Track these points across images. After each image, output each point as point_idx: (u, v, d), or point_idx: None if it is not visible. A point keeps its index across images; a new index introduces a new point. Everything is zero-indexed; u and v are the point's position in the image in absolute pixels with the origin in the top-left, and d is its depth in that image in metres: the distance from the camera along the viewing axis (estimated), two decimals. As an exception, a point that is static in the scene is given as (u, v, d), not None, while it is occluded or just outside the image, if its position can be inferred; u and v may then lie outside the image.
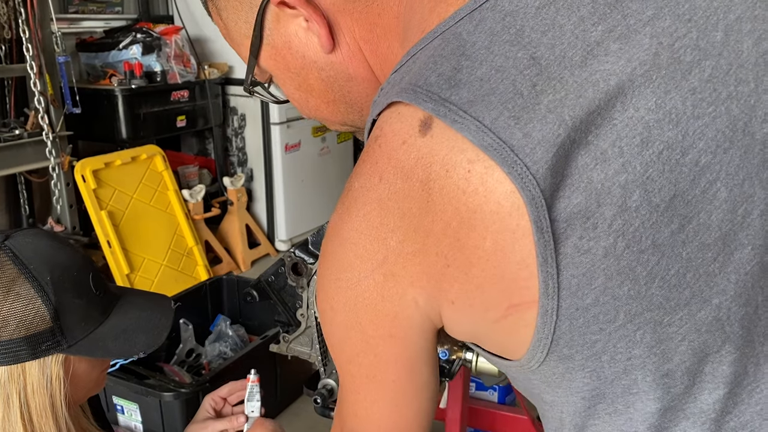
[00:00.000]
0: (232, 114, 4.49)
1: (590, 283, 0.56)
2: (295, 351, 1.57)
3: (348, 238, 0.62)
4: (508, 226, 0.55)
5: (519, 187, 0.54)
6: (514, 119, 0.55)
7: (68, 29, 3.97)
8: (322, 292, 0.68)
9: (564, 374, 0.63)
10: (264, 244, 4.50)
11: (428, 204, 0.57)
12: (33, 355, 0.92)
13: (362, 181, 0.62)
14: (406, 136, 0.59)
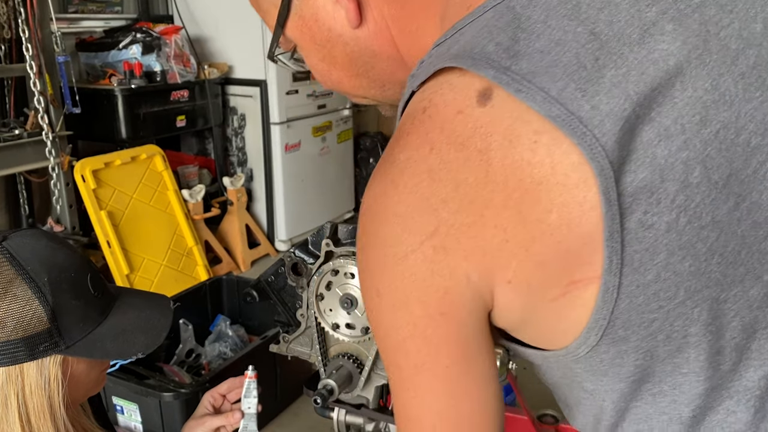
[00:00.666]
0: (232, 114, 4.49)
1: (652, 259, 0.56)
2: (295, 351, 1.57)
3: (394, 212, 0.60)
4: (575, 199, 0.55)
5: (588, 159, 0.54)
6: (581, 91, 0.55)
7: (68, 29, 3.96)
8: (366, 275, 0.65)
9: (614, 359, 0.62)
10: (264, 244, 4.50)
11: (487, 175, 0.56)
12: (31, 356, 0.92)
13: (409, 153, 0.60)
14: (461, 106, 0.58)
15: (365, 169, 5.44)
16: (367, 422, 1.59)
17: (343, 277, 1.43)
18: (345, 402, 1.55)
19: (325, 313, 1.47)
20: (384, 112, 0.78)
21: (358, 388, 1.49)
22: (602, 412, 0.67)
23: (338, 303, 1.44)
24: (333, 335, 1.47)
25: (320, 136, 4.73)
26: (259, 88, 4.30)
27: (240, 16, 4.25)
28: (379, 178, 0.63)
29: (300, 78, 4.44)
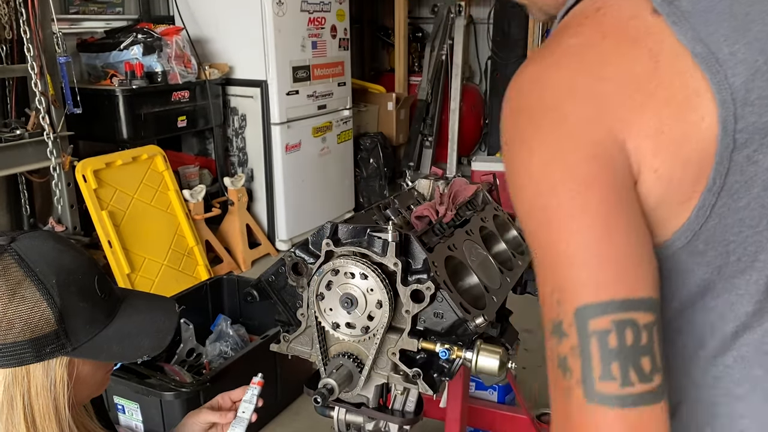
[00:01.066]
0: (233, 114, 4.50)
1: (748, 190, 0.65)
2: (295, 350, 1.58)
3: (558, 82, 0.67)
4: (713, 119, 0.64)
5: (715, 91, 0.63)
6: (725, 38, 0.65)
7: (69, 30, 3.98)
8: (517, 140, 0.69)
9: (684, 270, 0.70)
10: (264, 244, 4.51)
11: (655, 72, 0.64)
12: (37, 357, 0.92)
13: (582, 39, 0.67)
14: (636, 12, 0.66)
15: (365, 169, 5.44)
16: (367, 421, 1.60)
17: (343, 277, 1.44)
18: (345, 401, 1.56)
19: (326, 312, 1.48)
20: (533, 15, 0.87)
21: (358, 387, 1.50)
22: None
23: (338, 302, 1.45)
24: (333, 334, 1.48)
25: (320, 137, 4.74)
26: (259, 88, 4.31)
27: (241, 16, 4.27)
28: (539, 59, 0.70)
29: (300, 78, 4.45)
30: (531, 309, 3.85)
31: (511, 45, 6.03)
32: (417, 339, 1.43)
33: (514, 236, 2.03)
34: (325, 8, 4.59)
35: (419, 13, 6.86)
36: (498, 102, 6.22)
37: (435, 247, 1.56)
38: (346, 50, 4.89)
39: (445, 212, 1.74)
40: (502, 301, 1.81)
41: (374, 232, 1.45)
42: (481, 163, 5.45)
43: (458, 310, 1.40)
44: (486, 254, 1.77)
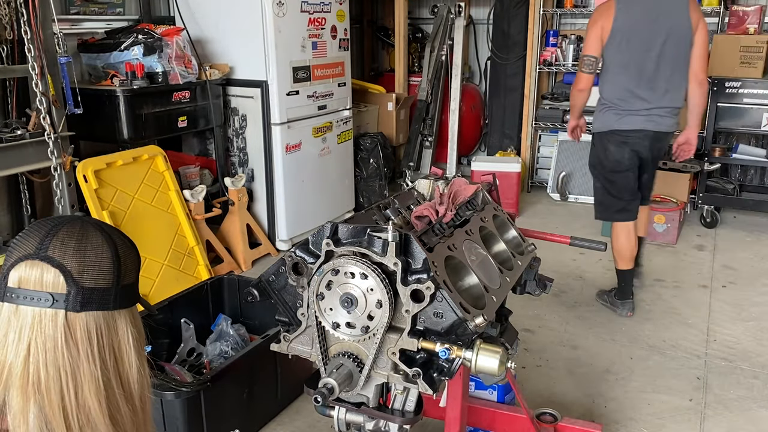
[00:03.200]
0: (233, 114, 4.51)
1: (616, 38, 3.46)
2: (295, 350, 1.58)
3: (594, 13, 3.56)
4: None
5: (614, 18, 3.49)
6: (624, 8, 3.49)
7: (70, 30, 3.98)
8: (589, 20, 3.59)
9: (608, 55, 3.59)
10: (265, 243, 4.51)
11: (608, 13, 3.45)
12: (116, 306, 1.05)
13: (599, 6, 3.57)
14: (611, 3, 3.49)
15: (365, 169, 5.45)
16: (367, 420, 1.60)
17: (344, 277, 1.44)
18: (345, 400, 1.57)
19: (326, 312, 1.48)
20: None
21: (359, 386, 1.50)
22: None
23: (338, 302, 1.46)
24: (333, 334, 1.49)
25: (320, 137, 4.74)
26: (260, 88, 4.31)
27: (241, 17, 4.27)
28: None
29: (300, 79, 4.45)
30: (531, 309, 3.87)
31: (511, 45, 6.04)
32: (417, 339, 1.43)
33: (513, 236, 2.03)
34: (325, 9, 4.59)
35: (419, 14, 6.87)
36: (498, 102, 6.23)
37: (435, 247, 1.56)
38: (346, 50, 4.89)
39: (445, 212, 1.75)
40: (502, 301, 1.81)
41: (374, 232, 1.45)
42: (481, 163, 5.46)
43: (458, 310, 1.41)
44: (486, 254, 1.78)
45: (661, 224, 4.82)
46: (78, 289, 0.98)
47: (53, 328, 0.97)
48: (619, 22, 3.37)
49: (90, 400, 0.98)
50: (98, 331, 1.00)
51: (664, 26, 3.36)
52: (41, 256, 0.98)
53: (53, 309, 0.97)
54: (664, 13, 3.37)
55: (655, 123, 3.46)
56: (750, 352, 3.29)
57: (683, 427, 2.69)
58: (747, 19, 4.94)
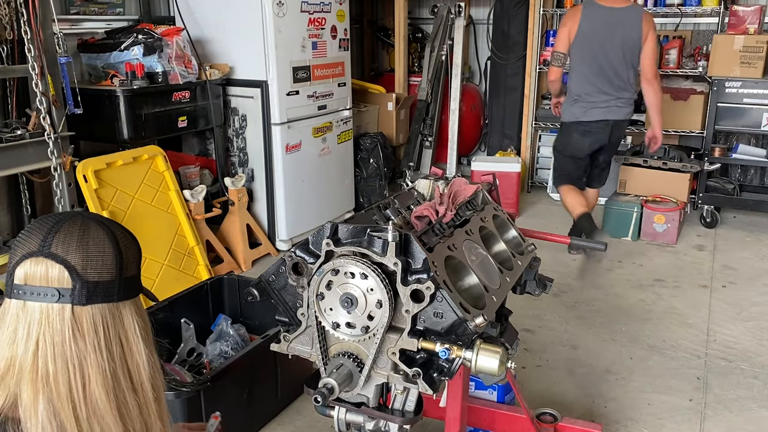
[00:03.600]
0: (233, 114, 4.51)
1: (580, 36, 4.26)
2: (295, 350, 1.58)
3: (566, 16, 4.37)
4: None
5: (580, 22, 4.30)
6: (587, 15, 4.29)
7: (70, 30, 3.98)
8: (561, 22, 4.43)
9: (573, 52, 4.34)
10: (265, 243, 4.51)
11: (575, 15, 4.23)
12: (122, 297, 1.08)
13: (571, 9, 4.65)
14: (578, 7, 4.35)
15: (365, 169, 5.45)
16: (367, 420, 1.60)
17: (344, 277, 1.44)
18: (345, 400, 1.57)
19: (326, 312, 1.48)
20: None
21: (359, 386, 1.50)
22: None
23: (338, 302, 1.46)
24: (333, 334, 1.49)
25: (320, 137, 4.74)
26: (260, 89, 4.31)
27: (241, 17, 4.27)
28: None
29: (300, 79, 4.45)
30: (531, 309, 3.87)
31: (511, 45, 6.04)
32: (417, 339, 1.43)
33: (513, 236, 2.03)
34: (325, 9, 4.59)
35: (419, 14, 6.87)
36: (497, 102, 6.24)
37: (435, 247, 1.56)
38: (346, 50, 4.89)
39: (445, 212, 1.75)
40: (502, 301, 1.81)
41: (374, 232, 1.45)
42: (480, 163, 5.46)
43: (458, 310, 1.41)
44: (486, 254, 1.78)
45: (661, 224, 4.82)
46: (83, 284, 1.01)
47: (60, 322, 1.00)
48: (584, 27, 4.17)
49: (97, 392, 1.01)
50: (104, 323, 1.03)
51: (619, 34, 4.13)
52: (45, 253, 1.01)
53: (60, 303, 1.00)
54: (620, 23, 4.13)
55: (614, 113, 4.21)
56: (750, 352, 3.29)
57: (683, 427, 2.69)
58: (747, 19, 4.94)
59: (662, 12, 5.53)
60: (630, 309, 3.76)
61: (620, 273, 4.28)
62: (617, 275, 4.25)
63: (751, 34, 4.89)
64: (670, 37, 5.65)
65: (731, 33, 4.97)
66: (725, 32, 5.07)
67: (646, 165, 5.12)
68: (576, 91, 4.28)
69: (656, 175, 5.09)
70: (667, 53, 5.53)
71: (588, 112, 4.21)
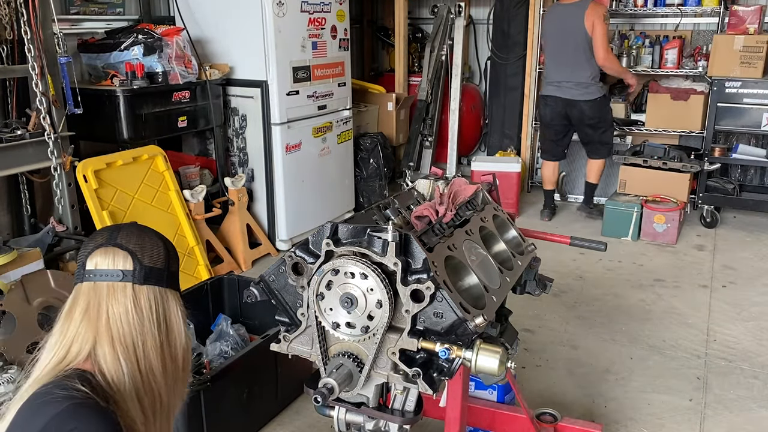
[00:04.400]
0: (233, 114, 4.51)
1: (545, 33, 5.28)
2: (295, 350, 1.58)
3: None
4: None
5: (541, 26, 5.46)
6: (550, 19, 5.22)
7: (70, 30, 3.98)
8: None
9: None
10: (265, 243, 4.51)
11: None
12: (169, 285, 1.37)
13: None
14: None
15: (365, 169, 5.45)
16: (367, 420, 1.60)
17: (344, 277, 1.44)
18: (345, 400, 1.57)
19: (326, 312, 1.48)
20: None
21: (359, 386, 1.50)
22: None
23: (338, 302, 1.46)
24: (333, 334, 1.49)
25: (320, 137, 4.74)
26: (260, 89, 4.31)
27: (241, 17, 4.27)
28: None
29: (300, 79, 4.45)
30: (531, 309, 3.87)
31: (511, 45, 6.04)
32: (417, 338, 1.43)
33: (513, 236, 2.03)
34: (325, 9, 4.59)
35: (419, 14, 6.87)
36: (497, 102, 6.24)
37: (435, 247, 1.56)
38: (346, 50, 4.89)
39: (445, 212, 1.75)
40: (502, 301, 1.82)
41: (374, 232, 1.45)
42: (481, 163, 5.46)
43: (458, 310, 1.41)
44: (486, 254, 1.78)
45: (661, 224, 4.82)
46: (141, 267, 1.30)
47: (123, 296, 1.28)
48: (545, 26, 5.23)
49: (152, 353, 1.30)
50: (156, 302, 1.31)
51: (569, 30, 4.91)
52: (112, 243, 1.31)
53: (123, 282, 1.29)
54: (569, 21, 4.91)
55: (563, 92, 5.04)
56: (750, 352, 3.29)
57: (683, 427, 2.69)
58: (747, 19, 4.94)
59: (662, 12, 5.53)
60: (630, 309, 3.76)
61: (620, 273, 4.28)
62: (617, 275, 4.25)
63: (751, 34, 4.89)
64: (670, 37, 5.65)
65: (731, 33, 4.97)
66: (725, 32, 5.07)
67: (646, 165, 5.12)
68: (545, 73, 5.34)
69: (656, 175, 5.09)
70: (667, 53, 5.53)
71: (546, 87, 5.22)
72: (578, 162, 5.80)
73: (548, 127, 5.28)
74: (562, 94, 5.05)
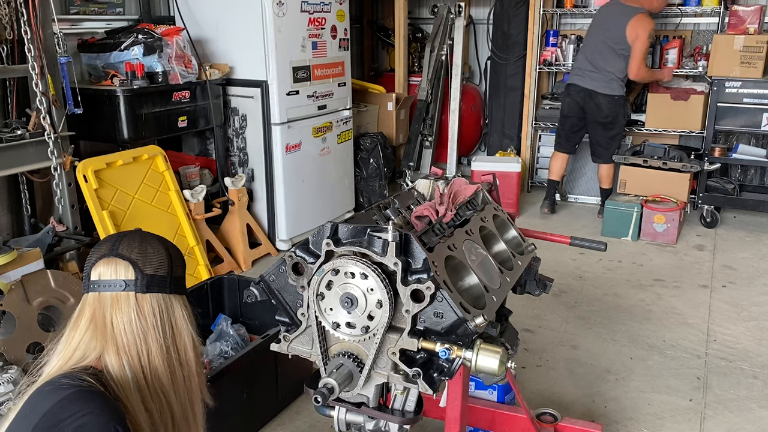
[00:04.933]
0: (233, 114, 4.51)
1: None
2: (295, 350, 1.58)
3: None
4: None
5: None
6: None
7: (70, 30, 3.98)
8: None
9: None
10: (265, 243, 4.51)
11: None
12: (174, 290, 1.39)
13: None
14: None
15: (365, 169, 5.45)
16: (367, 420, 1.60)
17: (344, 277, 1.44)
18: (345, 400, 1.57)
19: (326, 312, 1.48)
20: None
21: (359, 386, 1.50)
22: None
23: (339, 302, 1.46)
24: (333, 334, 1.48)
25: (321, 137, 4.74)
26: (260, 88, 4.31)
27: (241, 17, 4.27)
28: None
29: (300, 79, 4.45)
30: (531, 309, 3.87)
31: (511, 45, 6.04)
32: (417, 339, 1.43)
33: (513, 236, 2.03)
34: (325, 8, 4.59)
35: (419, 14, 6.87)
36: (497, 102, 6.23)
37: (435, 247, 1.56)
38: (346, 50, 4.89)
39: (445, 212, 1.75)
40: (502, 301, 1.82)
41: (374, 232, 1.45)
42: (481, 163, 5.46)
43: (458, 310, 1.41)
44: (486, 254, 1.78)
45: (661, 224, 4.82)
46: (143, 276, 1.32)
47: (127, 306, 1.31)
48: (595, 15, 5.26)
49: (157, 360, 1.32)
50: (160, 309, 1.33)
51: (611, 28, 4.96)
52: (114, 254, 1.33)
53: (125, 292, 1.31)
54: (615, 21, 4.96)
55: (585, 81, 5.08)
56: (750, 352, 3.29)
57: (683, 427, 2.69)
58: (747, 19, 4.94)
59: (662, 12, 5.53)
60: (630, 309, 3.76)
61: (620, 273, 4.28)
62: (617, 275, 4.25)
63: (751, 34, 4.89)
64: (670, 37, 5.65)
65: (731, 33, 4.97)
66: (725, 32, 5.07)
67: (646, 165, 5.12)
68: (575, 63, 5.41)
69: (656, 175, 5.09)
70: (667, 53, 5.53)
71: (570, 76, 5.29)
72: (579, 162, 5.80)
73: (565, 118, 5.32)
74: (583, 83, 5.08)
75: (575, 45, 5.88)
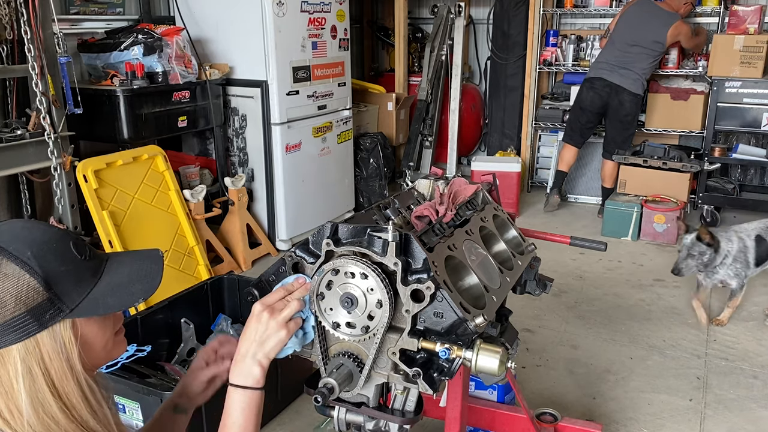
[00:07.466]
0: (233, 114, 4.51)
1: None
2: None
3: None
4: None
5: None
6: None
7: (70, 30, 3.98)
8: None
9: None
10: (265, 243, 4.51)
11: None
12: (41, 326, 0.97)
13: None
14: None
15: (365, 169, 5.45)
16: (368, 420, 1.60)
17: (344, 277, 1.44)
18: (345, 400, 1.56)
19: (326, 312, 1.48)
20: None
21: (359, 386, 1.50)
22: None
23: (338, 302, 1.46)
24: (333, 334, 1.48)
25: (320, 137, 4.74)
26: (259, 88, 4.31)
27: (241, 17, 4.27)
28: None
29: (300, 79, 4.45)
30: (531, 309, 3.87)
31: (511, 45, 6.04)
32: (417, 338, 1.43)
33: (513, 236, 2.03)
34: (325, 8, 4.59)
35: (419, 14, 6.87)
36: (497, 102, 6.23)
37: (435, 246, 1.56)
38: (346, 50, 4.89)
39: (445, 212, 1.75)
40: (502, 301, 1.81)
41: (374, 232, 1.45)
42: (481, 163, 5.46)
43: (458, 310, 1.41)
44: (486, 254, 1.78)
45: (661, 224, 4.82)
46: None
47: None
48: (626, 9, 5.22)
49: (27, 412, 0.97)
50: (22, 361, 0.97)
51: (648, 29, 5.05)
52: None
53: None
54: (651, 22, 5.05)
55: (613, 76, 5.08)
56: (750, 352, 3.29)
57: (683, 427, 2.69)
58: (747, 19, 4.94)
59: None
60: (630, 309, 3.76)
61: (620, 273, 4.28)
62: (617, 275, 4.25)
63: (751, 34, 4.89)
64: (670, 37, 5.65)
65: (731, 33, 4.97)
66: (725, 32, 5.07)
67: (646, 165, 5.12)
68: (598, 55, 5.39)
69: (656, 175, 5.09)
70: (667, 53, 5.53)
71: (595, 70, 5.22)
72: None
73: (583, 111, 5.29)
74: (611, 78, 5.09)
75: (575, 45, 5.89)
